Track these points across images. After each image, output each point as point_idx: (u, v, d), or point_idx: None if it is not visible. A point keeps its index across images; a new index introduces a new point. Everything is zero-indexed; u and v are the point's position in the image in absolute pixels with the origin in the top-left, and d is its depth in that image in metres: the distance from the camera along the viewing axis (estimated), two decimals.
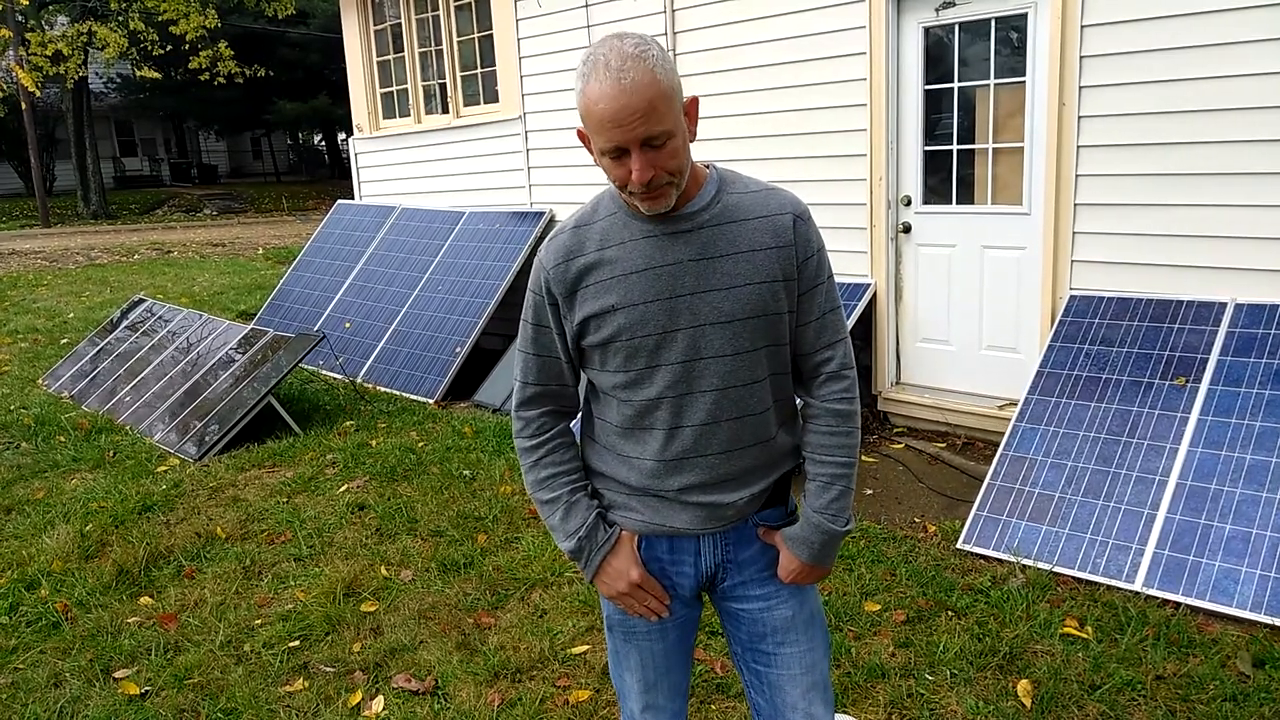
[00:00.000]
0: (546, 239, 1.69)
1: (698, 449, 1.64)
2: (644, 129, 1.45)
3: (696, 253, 1.59)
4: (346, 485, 4.73)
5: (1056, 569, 3.51)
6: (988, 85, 4.75)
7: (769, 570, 1.75)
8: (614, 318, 1.60)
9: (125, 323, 7.47)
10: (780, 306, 1.62)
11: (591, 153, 1.59)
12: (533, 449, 1.75)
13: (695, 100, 1.59)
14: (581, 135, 1.60)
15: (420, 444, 5.30)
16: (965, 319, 5.03)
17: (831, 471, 1.69)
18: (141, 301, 7.68)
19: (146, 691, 3.06)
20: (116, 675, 3.16)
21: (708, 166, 1.66)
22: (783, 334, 1.64)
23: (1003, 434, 4.36)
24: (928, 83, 4.94)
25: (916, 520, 4.11)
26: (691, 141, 1.56)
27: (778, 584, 1.75)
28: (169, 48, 18.53)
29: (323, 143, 38.84)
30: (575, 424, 1.81)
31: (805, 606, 1.77)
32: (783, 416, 1.72)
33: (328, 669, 3.13)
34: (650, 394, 1.63)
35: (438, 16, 7.73)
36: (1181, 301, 4.16)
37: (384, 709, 2.89)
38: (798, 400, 1.77)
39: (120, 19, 18.35)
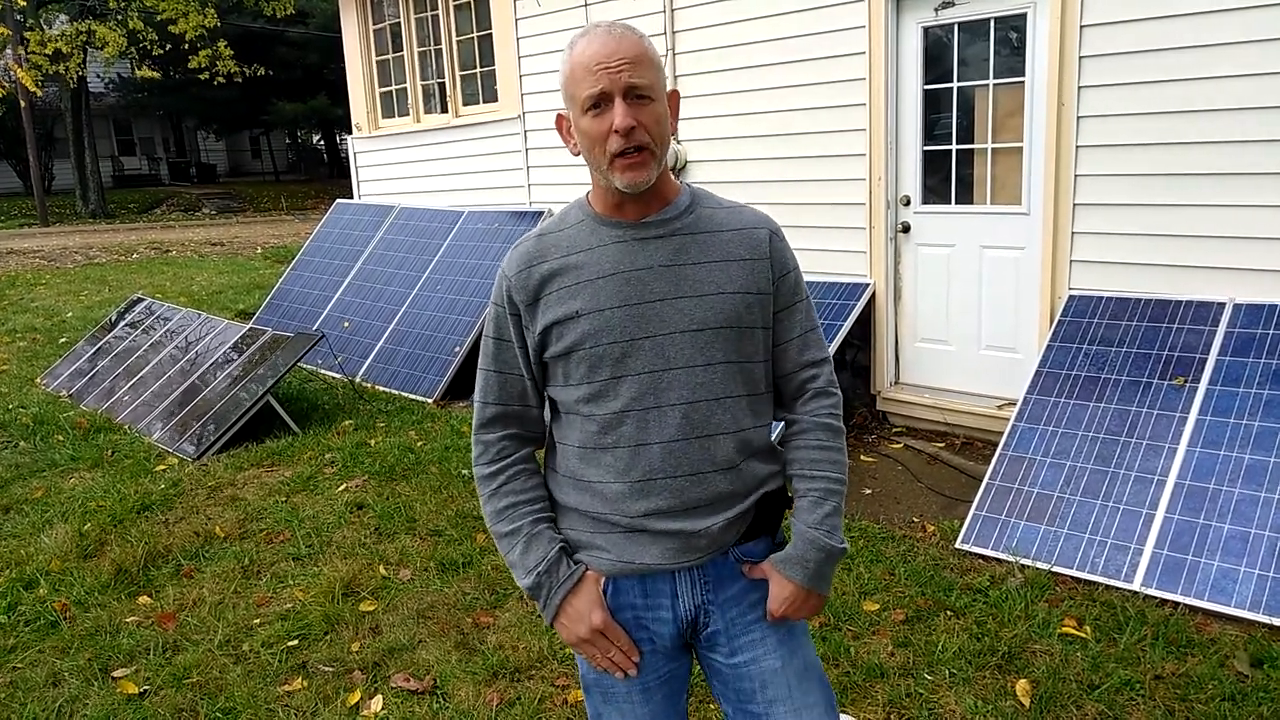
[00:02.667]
0: (511, 249, 1.62)
1: (665, 469, 1.51)
2: (630, 75, 1.44)
3: (668, 258, 1.52)
4: (345, 484, 4.73)
5: (1055, 568, 3.51)
6: (987, 85, 4.75)
7: (754, 612, 1.60)
8: (577, 324, 1.51)
9: (124, 322, 7.47)
10: (753, 320, 1.55)
11: (569, 141, 1.55)
12: (492, 475, 1.62)
13: (676, 94, 1.57)
14: (560, 122, 1.56)
15: (419, 443, 5.30)
16: (964, 319, 5.03)
17: (825, 486, 1.59)
18: (140, 300, 7.67)
19: (145, 691, 3.05)
20: (115, 674, 3.15)
21: (684, 184, 1.62)
22: (755, 350, 1.57)
23: (1001, 434, 4.36)
24: (927, 83, 4.94)
25: (915, 520, 4.11)
26: (674, 134, 1.54)
27: (764, 629, 1.59)
28: (168, 47, 18.53)
29: (321, 142, 38.82)
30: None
31: (796, 656, 1.61)
32: (758, 442, 1.60)
33: (326, 668, 3.13)
34: (614, 407, 1.51)
35: (437, 16, 7.73)
36: (1180, 301, 4.16)
37: (383, 708, 2.89)
38: (783, 419, 1.68)
39: (119, 18, 18.33)
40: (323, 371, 7.00)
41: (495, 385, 1.62)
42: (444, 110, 7.95)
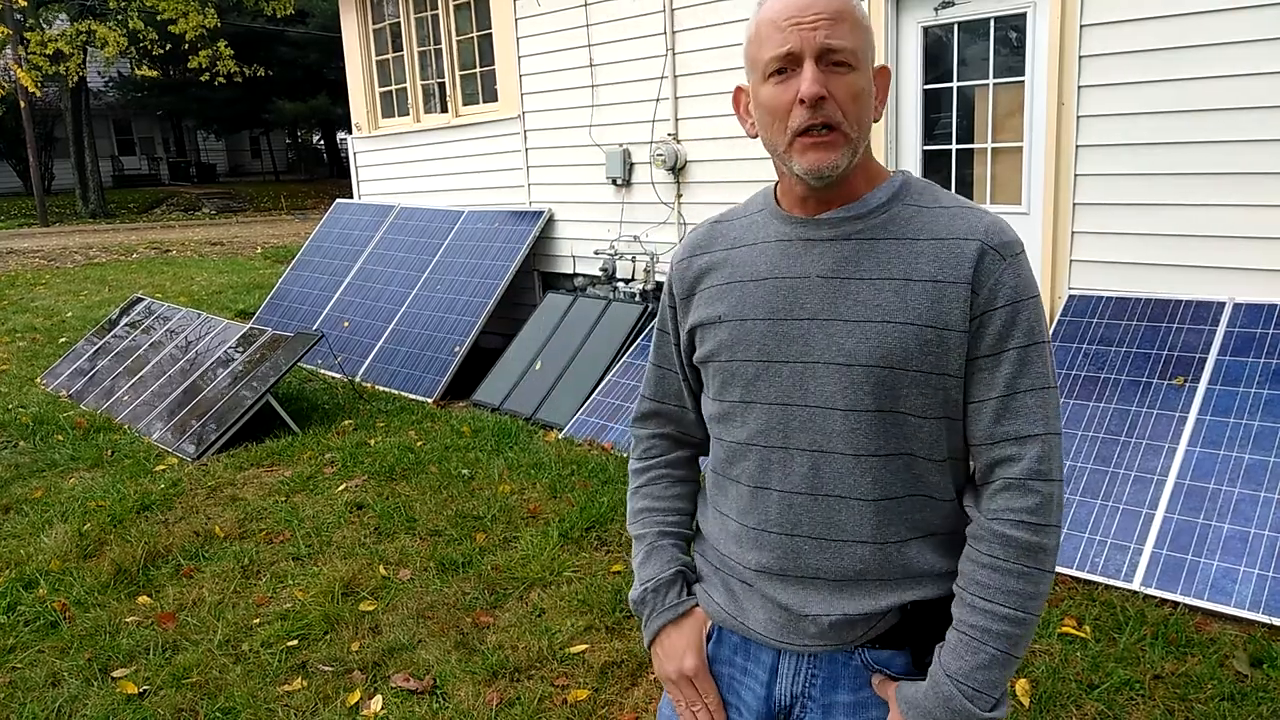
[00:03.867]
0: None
1: (782, 524, 1.25)
2: (826, 34, 1.16)
3: (831, 268, 1.22)
4: (345, 484, 4.73)
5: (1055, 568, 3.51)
6: (987, 85, 4.75)
7: None
8: (717, 331, 1.29)
9: (124, 321, 7.47)
10: (931, 363, 1.18)
11: (745, 120, 1.30)
12: (637, 473, 1.48)
13: (886, 70, 1.27)
14: (738, 96, 1.31)
15: (419, 443, 5.30)
16: None
17: (984, 624, 1.18)
18: (140, 300, 7.67)
19: (145, 691, 3.05)
20: (115, 674, 3.15)
21: (899, 172, 1.31)
22: (929, 404, 1.20)
23: None
24: (927, 82, 4.94)
25: None
26: (876, 120, 1.25)
27: None
28: (168, 46, 18.52)
29: (321, 142, 38.84)
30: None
31: None
32: (924, 524, 1.24)
33: (326, 668, 3.13)
34: (740, 436, 1.29)
35: (437, 16, 7.73)
36: (1180, 301, 4.16)
37: (382, 708, 2.89)
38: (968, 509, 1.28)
39: (119, 18, 18.34)
40: (323, 371, 7.00)
41: (653, 379, 1.48)
42: (444, 110, 7.95)
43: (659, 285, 6.23)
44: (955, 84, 4.86)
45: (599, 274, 6.53)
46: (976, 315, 1.18)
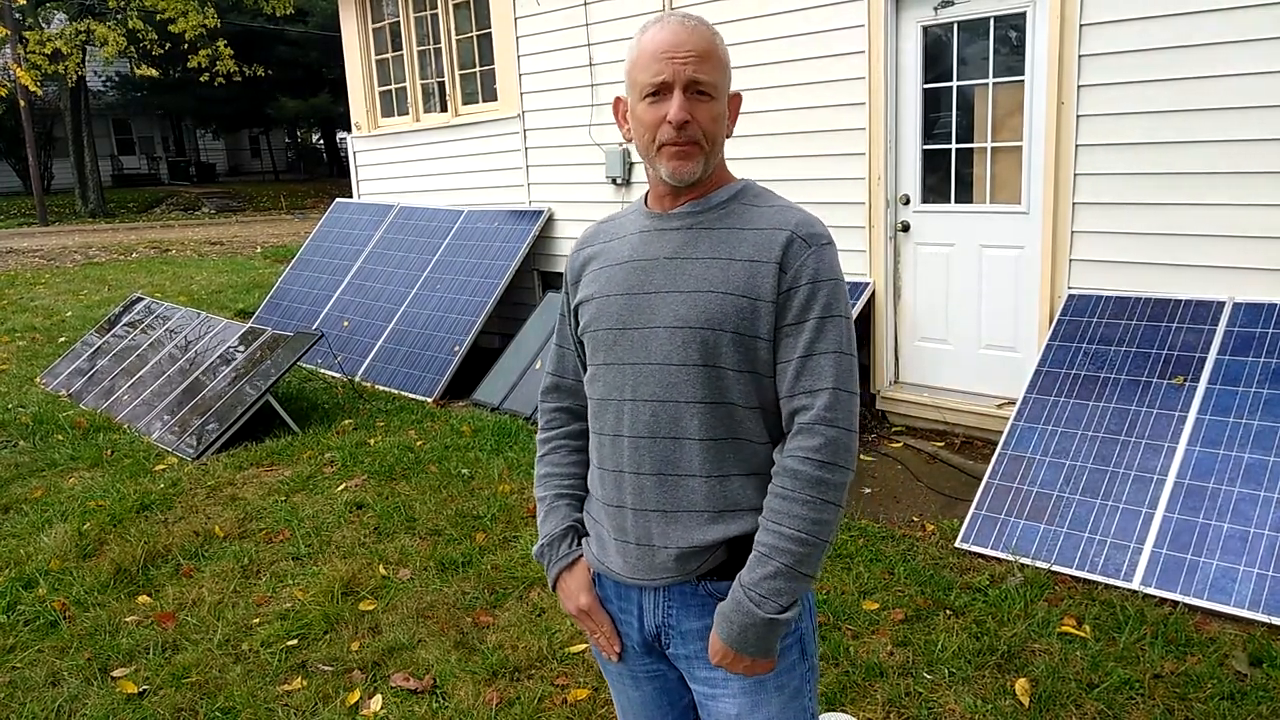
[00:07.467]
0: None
1: (632, 463, 1.49)
2: (694, 69, 1.41)
3: (673, 251, 1.49)
4: (345, 484, 4.73)
5: (1055, 568, 3.51)
6: (986, 84, 4.75)
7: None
8: (588, 307, 1.55)
9: (123, 321, 7.47)
10: (745, 326, 1.43)
11: (623, 126, 1.54)
12: (541, 442, 1.72)
13: (739, 97, 1.54)
14: (617, 105, 1.56)
15: (419, 443, 5.30)
16: (964, 318, 5.03)
17: (772, 543, 1.40)
18: (139, 300, 7.67)
19: (145, 690, 3.06)
20: (114, 674, 3.15)
21: (742, 179, 1.56)
22: (747, 360, 1.44)
23: (1001, 433, 4.36)
24: (926, 81, 4.94)
25: (915, 519, 4.11)
26: (727, 137, 1.51)
27: (725, 670, 1.50)
28: (168, 46, 18.50)
29: (321, 141, 38.83)
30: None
31: (759, 711, 1.50)
32: (748, 463, 1.48)
33: (326, 668, 3.13)
34: (602, 393, 1.54)
35: (436, 15, 7.72)
36: (1180, 300, 4.16)
37: (382, 708, 2.89)
38: None
39: (119, 17, 18.31)
40: (322, 371, 7.00)
41: (555, 357, 1.72)
42: (443, 109, 7.95)
43: None
44: (955, 83, 4.86)
45: None
46: (784, 290, 1.43)
